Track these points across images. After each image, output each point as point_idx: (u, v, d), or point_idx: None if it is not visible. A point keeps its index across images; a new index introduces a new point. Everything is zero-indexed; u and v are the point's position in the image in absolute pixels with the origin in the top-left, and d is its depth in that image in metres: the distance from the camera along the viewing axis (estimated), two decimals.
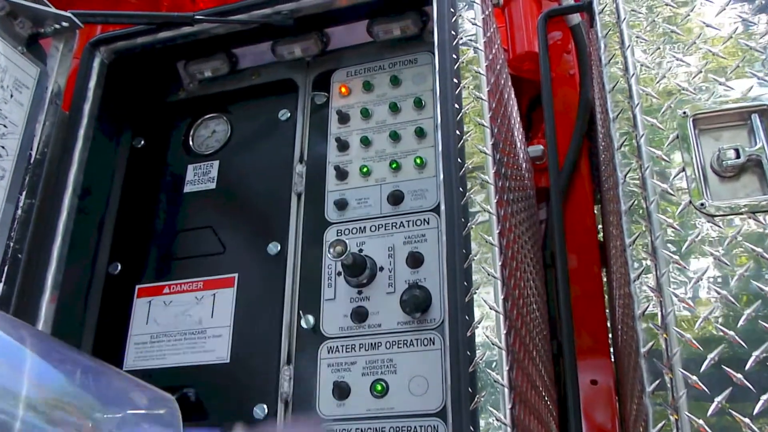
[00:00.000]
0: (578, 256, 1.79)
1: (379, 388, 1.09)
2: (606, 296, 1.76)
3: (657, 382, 0.90)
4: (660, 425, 0.88)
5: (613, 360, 1.72)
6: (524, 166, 1.61)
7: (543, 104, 1.68)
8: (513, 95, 1.56)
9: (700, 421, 0.85)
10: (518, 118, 1.59)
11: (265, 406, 1.13)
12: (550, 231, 1.82)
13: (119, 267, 1.34)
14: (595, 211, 1.89)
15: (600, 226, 1.82)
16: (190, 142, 1.43)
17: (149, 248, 1.34)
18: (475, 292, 1.00)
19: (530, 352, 1.18)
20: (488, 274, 1.00)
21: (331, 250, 1.09)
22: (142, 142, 1.46)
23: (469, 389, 0.95)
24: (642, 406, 0.94)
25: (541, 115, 1.90)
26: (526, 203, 1.52)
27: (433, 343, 1.09)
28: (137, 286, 1.31)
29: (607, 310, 1.74)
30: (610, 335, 1.75)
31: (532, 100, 2.11)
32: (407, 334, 1.11)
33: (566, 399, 1.61)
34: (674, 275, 0.95)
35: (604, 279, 1.78)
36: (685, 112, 1.02)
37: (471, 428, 0.93)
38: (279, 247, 1.24)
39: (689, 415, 0.86)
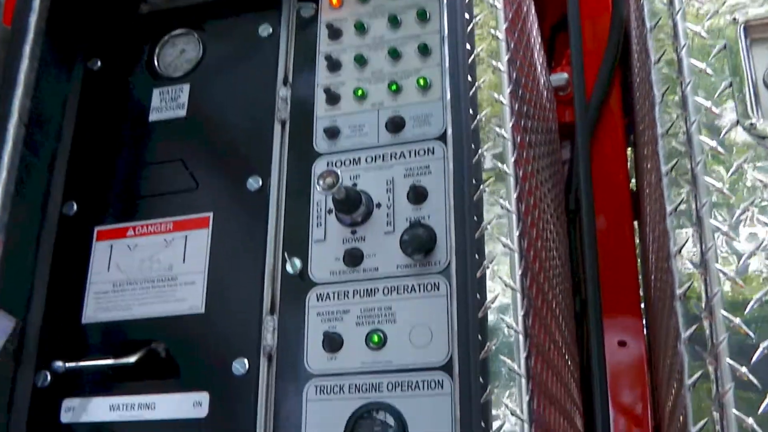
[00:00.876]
0: (606, 202, 1.80)
1: (375, 339, 1.11)
2: (637, 240, 1.77)
3: (694, 327, 0.92)
4: (696, 375, 0.90)
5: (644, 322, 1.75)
6: (545, 95, 1.62)
7: (569, 20, 1.67)
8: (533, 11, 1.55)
9: (743, 369, 0.87)
10: (539, 37, 1.59)
11: (245, 361, 1.15)
12: (575, 172, 1.83)
13: (75, 207, 1.35)
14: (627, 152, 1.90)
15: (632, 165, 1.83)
16: (156, 64, 1.43)
17: (109, 185, 1.35)
18: (487, 228, 1.01)
19: (549, 301, 1.20)
20: (502, 208, 1.02)
21: (321, 182, 1.10)
22: (99, 64, 1.45)
23: (479, 337, 0.97)
24: (676, 355, 0.96)
25: (565, 40, 1.90)
26: (547, 137, 1.53)
27: (438, 289, 1.11)
28: (96, 229, 1.32)
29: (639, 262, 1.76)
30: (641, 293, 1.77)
31: (554, 26, 2.10)
32: (408, 279, 1.13)
33: (590, 360, 1.64)
34: (719, 210, 0.96)
35: (636, 223, 1.79)
36: (735, 18, 1.02)
37: (480, 380, 0.95)
38: (260, 182, 1.25)
39: (731, 362, 0.88)
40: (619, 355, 1.69)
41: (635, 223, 1.83)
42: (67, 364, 1.21)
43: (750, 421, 0.86)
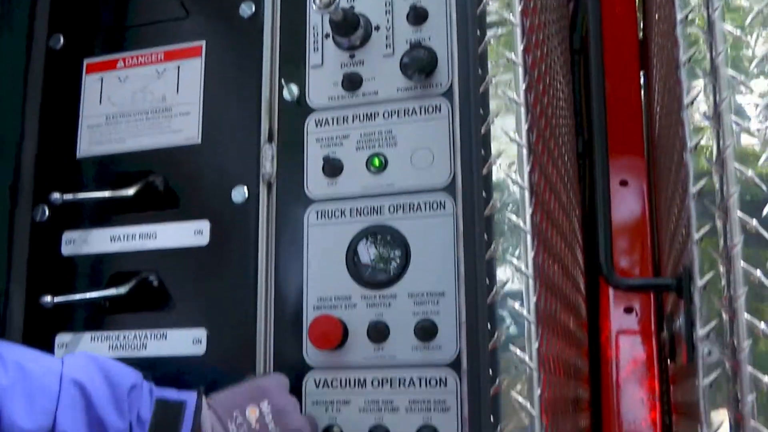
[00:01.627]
0: (613, 47, 1.77)
1: (376, 163, 1.11)
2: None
3: (703, 181, 0.91)
4: (705, 228, 0.90)
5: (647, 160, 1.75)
6: None
7: None
8: None
9: (753, 222, 0.87)
10: None
11: (245, 189, 1.15)
12: (580, 11, 1.79)
13: (62, 40, 1.32)
14: None
15: None
16: None
17: (96, 15, 1.31)
18: (489, 43, 0.99)
19: (551, 149, 1.19)
20: (506, 21, 0.99)
21: (317, 0, 1.07)
22: None
23: (482, 152, 0.97)
24: (684, 210, 0.95)
25: None
26: None
27: (440, 111, 1.10)
28: (85, 61, 1.30)
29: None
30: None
31: None
32: (409, 102, 1.12)
33: (592, 200, 1.65)
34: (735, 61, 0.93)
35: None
36: None
37: (484, 195, 0.96)
38: (253, 8, 1.22)
39: (741, 215, 0.87)
40: (621, 193, 1.70)
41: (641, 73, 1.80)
42: (65, 196, 1.21)
43: (758, 273, 0.86)
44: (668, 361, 1.50)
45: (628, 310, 1.61)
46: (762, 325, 0.85)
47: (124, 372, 0.97)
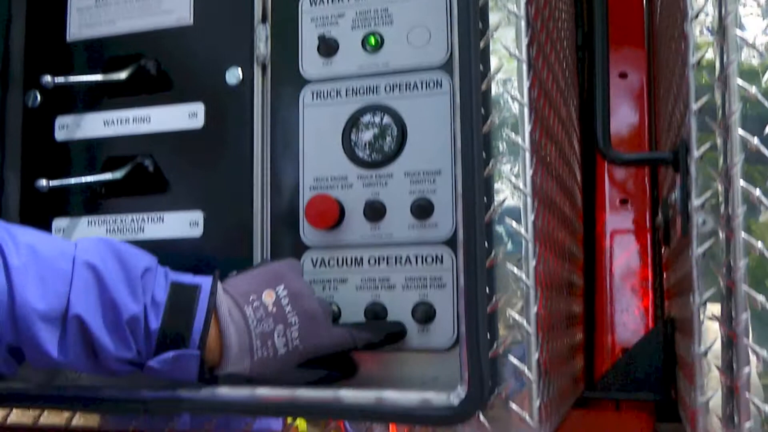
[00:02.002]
0: None
1: (372, 41, 1.10)
2: None
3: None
4: (703, 100, 0.89)
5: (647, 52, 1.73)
6: None
7: None
8: None
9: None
10: None
11: (239, 70, 1.14)
12: None
13: None
14: None
15: None
16: None
17: None
18: None
19: (551, 50, 1.18)
20: None
21: None
22: None
23: (479, 24, 0.95)
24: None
25: None
26: None
27: None
28: None
29: None
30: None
31: None
32: None
33: (591, 93, 1.64)
34: None
35: None
36: None
37: (481, 68, 0.95)
38: None
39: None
40: (620, 86, 1.69)
41: None
42: (56, 79, 1.20)
43: (755, 141, 0.86)
44: (662, 249, 1.53)
45: (623, 201, 1.63)
46: (757, 191, 0.86)
47: (137, 255, 0.97)
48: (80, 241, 0.96)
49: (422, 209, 1.06)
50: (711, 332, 0.88)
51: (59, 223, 1.22)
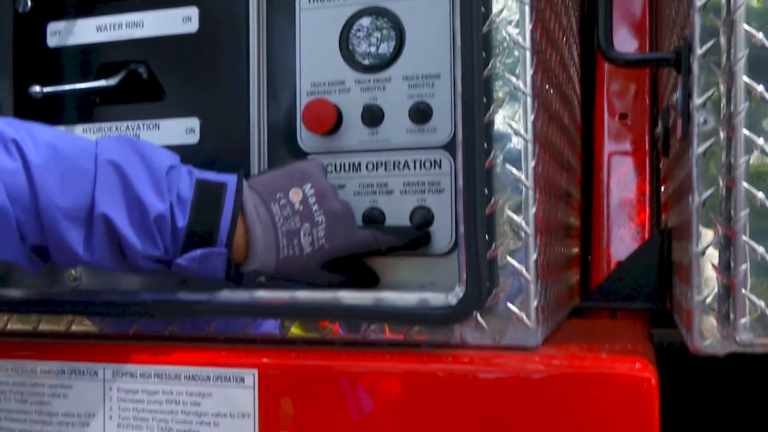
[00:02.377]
0: None
1: None
2: None
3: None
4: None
5: None
6: None
7: None
8: None
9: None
10: None
11: None
12: None
13: None
14: None
15: None
16: None
17: None
18: None
19: None
20: None
21: None
22: None
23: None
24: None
25: None
26: None
27: None
28: None
29: None
30: None
31: None
32: None
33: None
34: None
35: None
36: None
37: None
38: None
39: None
40: None
41: None
42: None
43: (760, 36, 0.84)
44: (660, 164, 1.53)
45: (622, 116, 1.62)
46: (760, 87, 0.85)
47: (160, 153, 0.96)
48: (100, 139, 0.95)
49: (421, 113, 1.05)
50: (709, 235, 0.88)
51: None
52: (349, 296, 0.98)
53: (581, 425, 0.86)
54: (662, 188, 1.48)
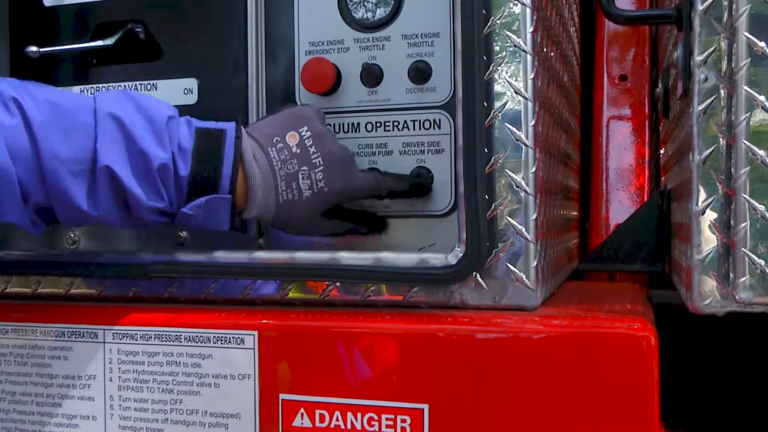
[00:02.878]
0: None
1: None
2: None
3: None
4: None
5: None
6: None
7: None
8: None
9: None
10: None
11: None
12: None
13: None
14: None
15: None
16: None
17: None
18: None
19: None
20: None
21: None
22: None
23: None
24: None
25: None
26: None
27: None
28: None
29: None
30: None
31: None
32: None
33: None
34: None
35: None
36: None
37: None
38: None
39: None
40: None
41: None
42: None
43: (761, 44, 0.83)
44: (660, 127, 1.52)
45: (622, 78, 1.60)
46: (762, 43, 0.84)
47: (158, 104, 0.95)
48: (99, 94, 0.95)
49: (420, 72, 1.04)
50: (709, 194, 0.87)
51: None
52: (348, 257, 0.97)
53: (581, 385, 0.85)
54: (661, 151, 1.47)
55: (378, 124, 1.07)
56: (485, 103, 0.92)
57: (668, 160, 1.31)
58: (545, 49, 1.03)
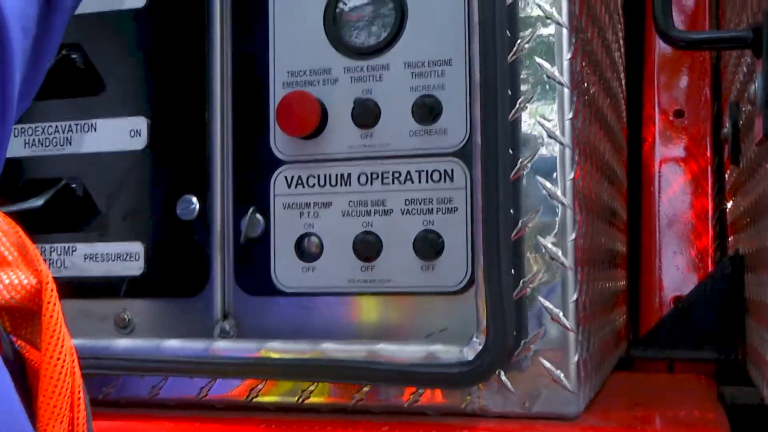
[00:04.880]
0: None
1: None
2: None
3: None
4: None
5: None
6: None
7: None
8: None
9: None
10: None
11: None
12: None
13: None
14: None
15: None
16: None
17: None
18: None
19: None
20: None
21: None
22: None
23: None
24: None
25: None
26: None
27: None
28: None
29: None
30: None
31: None
32: None
33: None
34: None
35: None
36: None
37: None
38: None
39: None
40: None
41: None
42: None
43: None
44: (726, 174, 1.45)
45: (678, 114, 1.53)
46: None
47: None
48: None
49: (427, 110, 0.97)
50: None
51: None
52: (335, 349, 0.91)
53: None
54: (729, 204, 1.39)
55: (374, 176, 1.00)
56: (510, 150, 0.86)
57: (740, 217, 1.24)
58: (585, 82, 0.96)
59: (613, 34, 1.26)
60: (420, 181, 0.98)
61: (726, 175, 1.43)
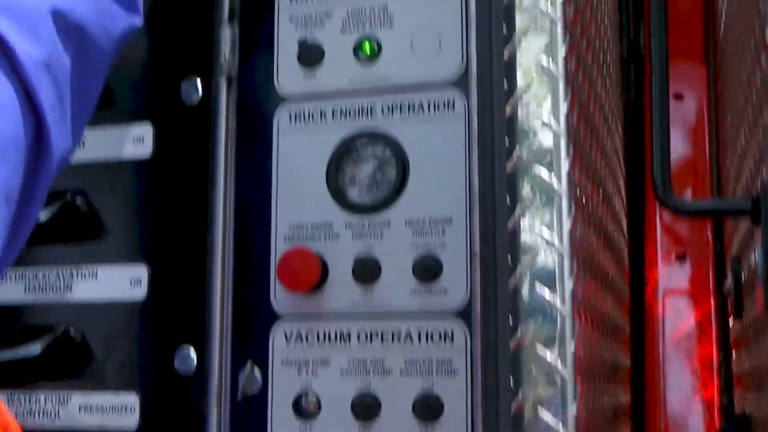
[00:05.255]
0: None
1: (366, 48, 1.03)
2: None
3: None
4: None
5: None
6: None
7: None
8: None
9: None
10: None
11: (197, 81, 1.08)
12: None
13: None
14: None
15: None
16: None
17: None
18: None
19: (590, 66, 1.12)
20: None
21: None
22: None
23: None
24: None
25: None
26: None
27: None
28: None
29: None
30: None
31: None
32: None
33: (639, 119, 1.57)
34: None
35: None
36: None
37: (505, 86, 0.89)
38: None
39: None
40: (675, 109, 1.62)
41: None
42: None
43: None
44: (730, 321, 1.45)
45: (680, 257, 1.55)
46: None
47: None
48: None
49: (428, 269, 0.98)
50: None
51: None
52: None
53: None
54: (734, 353, 1.39)
55: (374, 334, 0.99)
56: (510, 319, 0.88)
57: (745, 375, 1.23)
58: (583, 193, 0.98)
59: (615, 216, 1.29)
60: (420, 341, 0.98)
61: (730, 322, 1.44)
